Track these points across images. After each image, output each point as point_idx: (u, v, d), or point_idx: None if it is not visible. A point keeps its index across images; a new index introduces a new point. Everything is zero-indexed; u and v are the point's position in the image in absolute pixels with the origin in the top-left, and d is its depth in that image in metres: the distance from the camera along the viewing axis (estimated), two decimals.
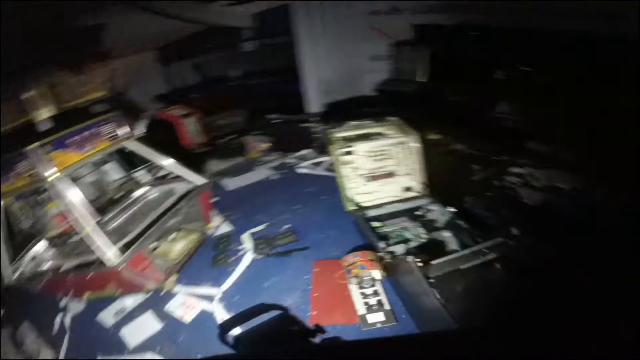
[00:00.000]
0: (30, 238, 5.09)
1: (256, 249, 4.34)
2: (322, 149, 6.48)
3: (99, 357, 3.75)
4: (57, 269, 4.44)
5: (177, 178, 5.06)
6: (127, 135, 4.78)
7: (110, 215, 4.76)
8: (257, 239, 4.48)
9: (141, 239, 4.11)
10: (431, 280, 2.88)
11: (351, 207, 4.34)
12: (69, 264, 4.41)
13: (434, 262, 2.98)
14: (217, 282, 4.03)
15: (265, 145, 6.74)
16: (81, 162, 4.41)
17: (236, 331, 3.39)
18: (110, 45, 7.09)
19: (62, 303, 4.63)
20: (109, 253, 3.81)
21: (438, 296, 2.73)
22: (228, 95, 8.36)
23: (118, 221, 4.73)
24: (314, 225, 4.62)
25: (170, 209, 4.60)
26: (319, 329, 3.23)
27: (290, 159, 6.56)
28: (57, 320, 4.46)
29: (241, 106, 8.00)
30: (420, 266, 2.92)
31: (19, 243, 5.00)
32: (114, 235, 4.12)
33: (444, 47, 6.81)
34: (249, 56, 9.06)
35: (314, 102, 7.67)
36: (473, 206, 4.54)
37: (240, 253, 4.42)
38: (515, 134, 6.18)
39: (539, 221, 4.14)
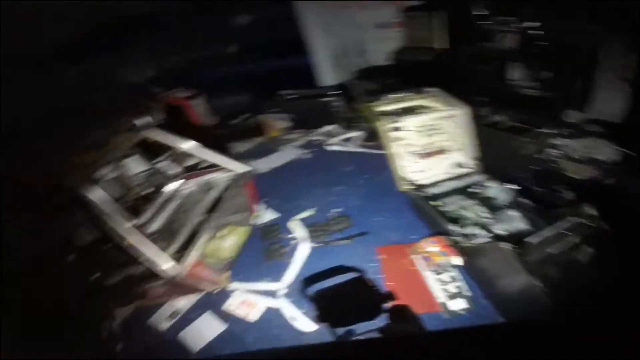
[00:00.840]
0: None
1: (312, 237, 4.13)
2: (348, 124, 6.29)
3: None
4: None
5: (212, 167, 4.72)
6: (147, 123, 4.45)
7: (147, 216, 4.28)
8: (310, 226, 4.27)
9: (194, 242, 3.78)
10: (528, 267, 2.85)
11: (406, 187, 4.21)
12: (110, 279, 4.01)
13: (529, 241, 2.87)
14: (275, 276, 3.82)
15: (284, 123, 6.54)
16: (102, 160, 4.05)
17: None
18: None
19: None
20: (164, 264, 3.45)
21: (539, 284, 2.73)
22: (228, 72, 8.00)
23: (158, 223, 4.26)
24: (364, 208, 4.44)
25: (216, 204, 4.27)
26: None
27: (315, 137, 6.33)
28: (105, 326, 4.06)
29: (246, 83, 7.71)
30: (515, 252, 2.90)
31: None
32: (161, 241, 3.74)
33: (462, 10, 6.64)
34: (245, 30, 8.50)
35: (326, 75, 7.47)
36: (523, 182, 4.55)
37: (294, 242, 4.18)
38: (544, 103, 6.18)
39: (595, 196, 4.18)
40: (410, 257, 3.56)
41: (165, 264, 3.42)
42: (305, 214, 4.52)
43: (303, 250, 4.02)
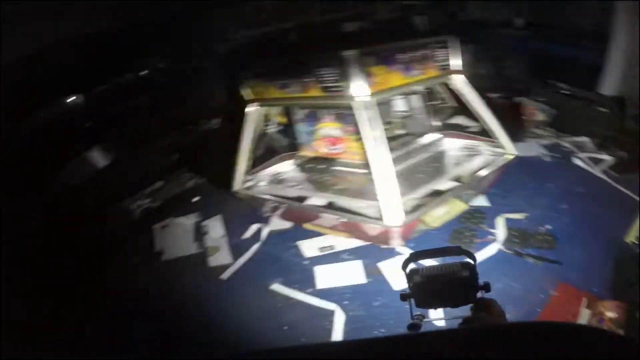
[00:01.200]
0: (274, 152, 4.89)
1: (508, 240, 4.06)
2: (604, 143, 5.71)
3: (276, 282, 3.69)
4: (300, 200, 4.19)
5: (479, 135, 4.63)
6: (458, 68, 4.30)
7: (394, 156, 4.00)
8: (513, 229, 4.18)
9: (432, 201, 3.75)
10: None
11: (633, 239, 3.88)
12: (316, 199, 4.11)
13: None
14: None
15: (541, 116, 6.24)
16: (402, 87, 4.00)
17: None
18: None
19: (266, 214, 4.57)
20: (393, 211, 3.36)
21: None
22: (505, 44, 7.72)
23: (400, 167, 4.12)
24: (574, 237, 4.07)
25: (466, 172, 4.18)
26: None
27: (564, 142, 5.93)
28: (253, 227, 4.46)
29: (521, 61, 7.35)
30: None
31: (262, 153, 4.82)
32: (400, 186, 3.58)
33: None
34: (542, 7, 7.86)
35: (611, 82, 6.49)
36: None
37: (490, 238, 4.11)
38: None
39: None
40: (581, 309, 3.33)
41: (394, 210, 3.41)
42: (516, 216, 4.42)
43: (491, 249, 3.99)
